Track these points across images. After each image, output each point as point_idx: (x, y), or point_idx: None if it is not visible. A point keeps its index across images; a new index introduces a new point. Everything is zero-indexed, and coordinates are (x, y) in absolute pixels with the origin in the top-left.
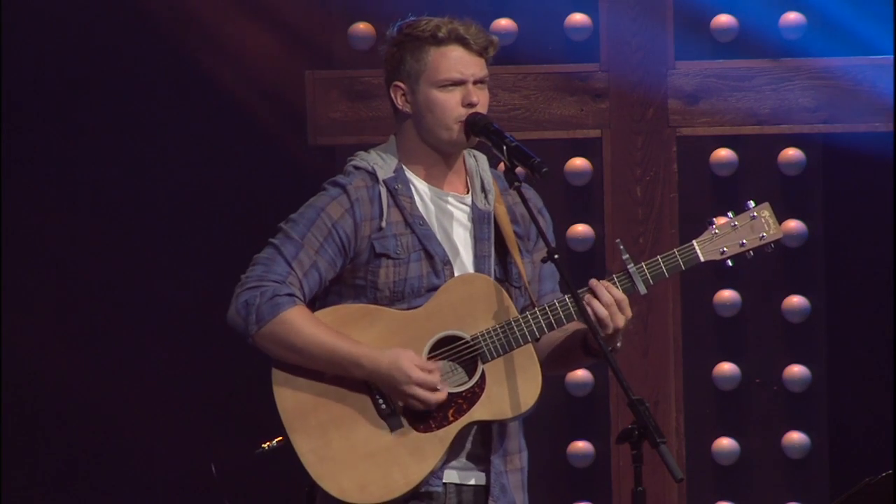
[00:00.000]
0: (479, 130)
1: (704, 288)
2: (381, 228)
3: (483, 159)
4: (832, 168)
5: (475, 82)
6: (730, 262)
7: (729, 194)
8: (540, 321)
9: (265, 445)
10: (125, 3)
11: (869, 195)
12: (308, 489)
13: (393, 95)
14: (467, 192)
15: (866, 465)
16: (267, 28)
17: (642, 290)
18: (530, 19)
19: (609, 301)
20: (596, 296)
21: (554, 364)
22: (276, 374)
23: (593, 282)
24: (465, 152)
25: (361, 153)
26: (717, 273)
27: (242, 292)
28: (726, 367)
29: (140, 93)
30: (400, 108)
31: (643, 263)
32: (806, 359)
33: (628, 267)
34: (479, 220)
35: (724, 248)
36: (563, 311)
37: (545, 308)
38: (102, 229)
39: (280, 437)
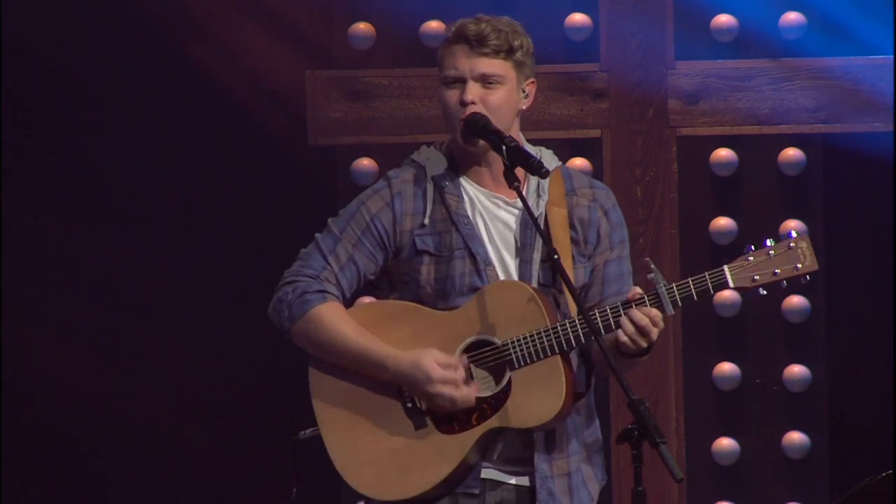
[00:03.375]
0: (477, 131)
1: None
2: (423, 225)
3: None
4: (832, 168)
5: (479, 79)
6: (762, 291)
7: (729, 194)
8: (569, 333)
9: (302, 433)
10: (125, 3)
11: (869, 195)
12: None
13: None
14: (516, 197)
15: (866, 465)
16: (267, 28)
17: (670, 311)
18: (530, 19)
19: (640, 318)
20: (627, 314)
21: (606, 367)
22: (312, 370)
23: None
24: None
25: (424, 147)
26: None
27: (280, 287)
28: (726, 367)
29: (140, 93)
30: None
31: (674, 285)
32: (806, 359)
33: (658, 287)
34: (527, 223)
35: (757, 276)
36: (592, 325)
37: (576, 321)
38: (103, 229)
39: (315, 427)
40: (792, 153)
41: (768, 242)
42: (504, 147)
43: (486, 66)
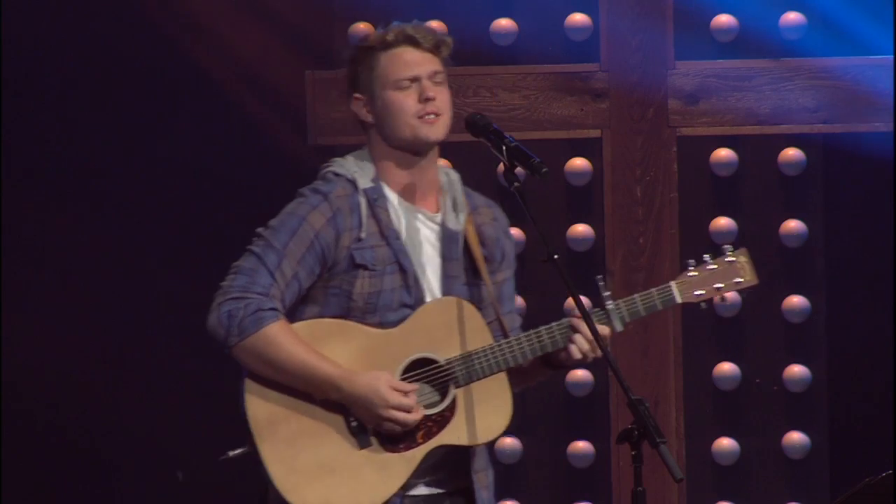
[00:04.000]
0: (478, 131)
1: None
2: (360, 239)
3: (456, 178)
4: (832, 168)
5: (430, 78)
6: (703, 305)
7: (729, 194)
8: (516, 352)
9: (231, 453)
10: (125, 3)
11: (869, 195)
12: (260, 496)
13: (356, 109)
14: (437, 211)
15: (866, 465)
16: (267, 28)
17: (618, 327)
18: (530, 19)
19: (590, 337)
20: (579, 331)
21: (515, 380)
22: (249, 384)
23: (574, 321)
24: (440, 170)
25: (338, 160)
26: None
27: (226, 301)
28: (726, 367)
29: (140, 93)
30: (363, 119)
31: (621, 301)
32: (806, 359)
33: (607, 305)
34: (449, 239)
35: (701, 292)
36: (539, 343)
37: (521, 338)
38: (103, 229)
39: (246, 447)
40: (792, 153)
41: (706, 257)
42: (504, 147)
43: (436, 63)
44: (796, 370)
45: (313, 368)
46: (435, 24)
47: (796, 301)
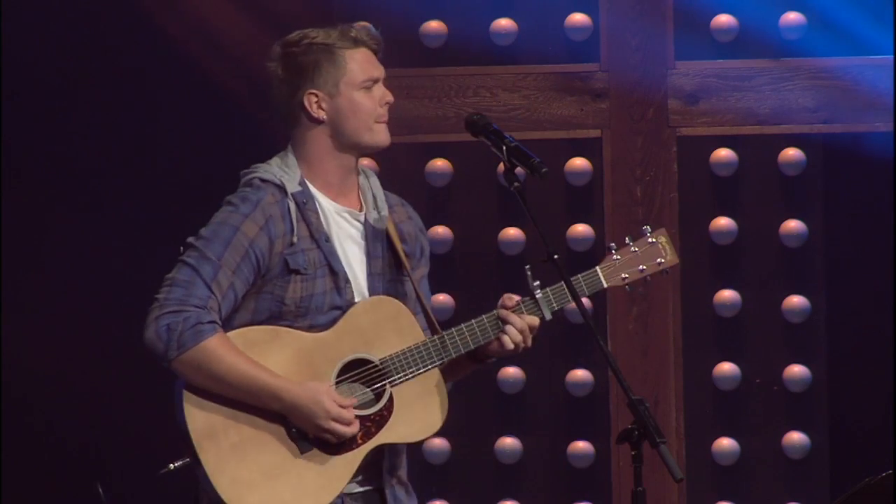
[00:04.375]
0: (478, 131)
1: (704, 288)
2: (292, 244)
3: (374, 177)
4: (832, 168)
5: (384, 81)
6: (628, 288)
7: (729, 194)
8: (448, 346)
9: (172, 465)
10: (125, 2)
11: (869, 195)
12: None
13: (306, 104)
14: (361, 209)
15: (866, 465)
16: (267, 28)
17: (547, 315)
18: (530, 19)
19: (522, 327)
20: (509, 322)
21: (445, 374)
22: (188, 395)
23: (503, 312)
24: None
25: (262, 165)
26: (717, 273)
27: (163, 315)
28: (726, 367)
29: (140, 93)
30: (314, 116)
31: (549, 289)
32: (806, 359)
33: (536, 293)
34: (373, 237)
35: (625, 275)
36: (471, 337)
37: (452, 332)
38: (102, 229)
39: (186, 459)
40: (792, 153)
41: (627, 240)
42: (504, 147)
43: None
44: (796, 370)
45: (254, 379)
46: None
47: (796, 301)
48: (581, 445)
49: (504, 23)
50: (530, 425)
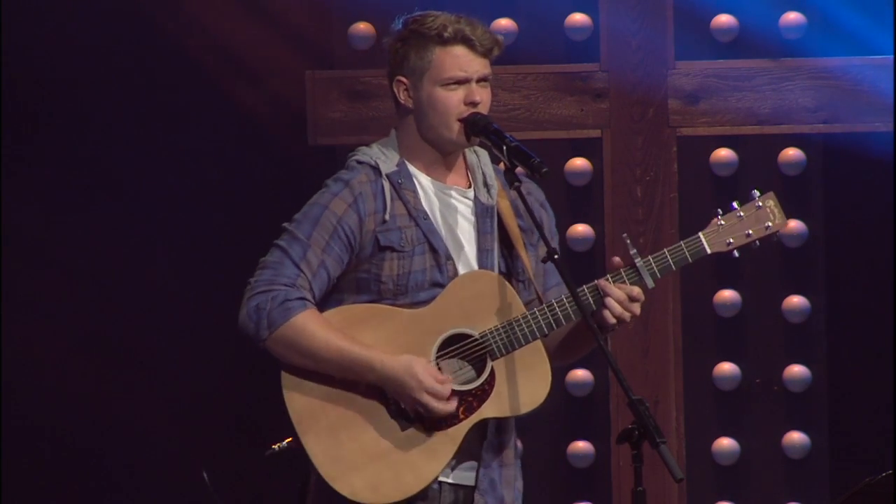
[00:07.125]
0: (478, 130)
1: (704, 288)
2: (385, 221)
3: (484, 154)
4: (832, 168)
5: (478, 81)
6: (736, 253)
7: (729, 194)
8: (549, 317)
9: (275, 447)
10: (125, 3)
11: (869, 195)
12: (300, 487)
13: (396, 90)
14: (469, 187)
15: (866, 465)
16: (267, 28)
17: (650, 283)
18: (530, 19)
19: (620, 297)
20: (608, 293)
21: (563, 352)
22: (286, 377)
23: (602, 283)
24: (468, 149)
25: (363, 148)
26: (717, 273)
27: (253, 297)
28: (726, 367)
29: (140, 93)
30: (402, 102)
31: (650, 257)
32: (806, 359)
33: (636, 261)
34: (482, 214)
35: (731, 240)
36: (571, 308)
37: (553, 304)
38: (102, 229)
39: (289, 439)
40: (792, 153)
41: (735, 205)
42: (504, 147)
43: (486, 66)
44: (796, 370)
45: (346, 352)
46: (504, 21)
47: (796, 301)
48: (581, 445)
49: (504, 23)
50: (530, 425)
